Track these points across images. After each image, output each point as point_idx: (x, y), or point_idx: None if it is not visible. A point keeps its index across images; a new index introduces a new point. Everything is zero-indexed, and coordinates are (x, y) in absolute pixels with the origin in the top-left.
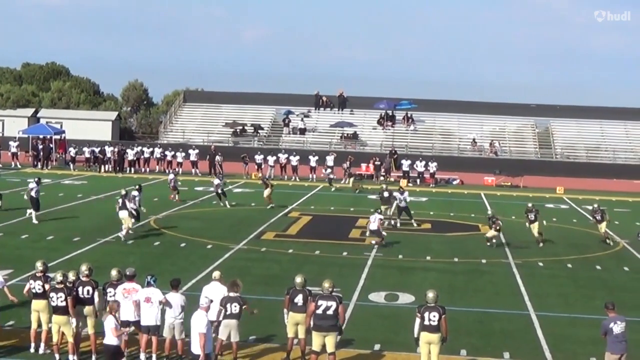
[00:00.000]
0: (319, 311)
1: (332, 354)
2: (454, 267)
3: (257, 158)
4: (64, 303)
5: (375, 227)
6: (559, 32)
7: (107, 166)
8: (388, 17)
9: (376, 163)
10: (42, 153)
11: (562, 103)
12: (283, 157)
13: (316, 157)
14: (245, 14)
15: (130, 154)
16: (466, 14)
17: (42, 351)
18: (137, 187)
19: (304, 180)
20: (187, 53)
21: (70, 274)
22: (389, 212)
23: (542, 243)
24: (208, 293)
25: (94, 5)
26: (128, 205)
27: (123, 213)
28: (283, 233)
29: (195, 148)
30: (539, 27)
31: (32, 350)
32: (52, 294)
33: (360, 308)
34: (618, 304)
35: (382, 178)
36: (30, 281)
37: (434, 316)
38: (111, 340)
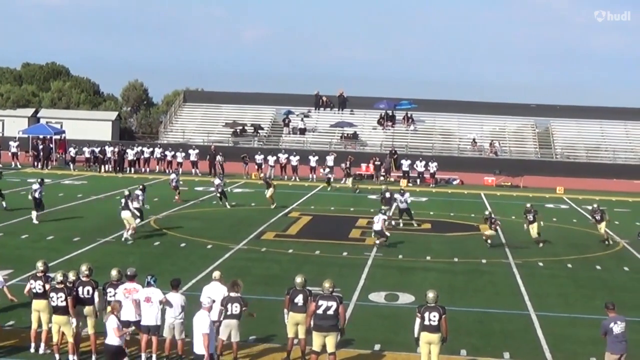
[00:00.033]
0: (320, 311)
1: (333, 354)
2: (454, 267)
3: (257, 158)
4: (64, 303)
5: (379, 228)
6: (559, 32)
7: (107, 166)
8: (388, 17)
9: (376, 163)
10: (42, 153)
11: (562, 103)
12: (283, 157)
13: (316, 157)
14: (245, 14)
15: (130, 154)
16: (466, 14)
17: (42, 351)
18: (141, 187)
19: (304, 180)
20: (187, 53)
21: (70, 274)
22: (389, 213)
23: (542, 243)
24: (209, 293)
25: (94, 5)
26: (130, 205)
27: (125, 213)
28: (283, 233)
29: (195, 148)
30: (539, 27)
31: (32, 350)
32: (52, 294)
33: (360, 308)
34: (618, 304)
35: (382, 178)
36: (31, 281)
37: (434, 316)
38: (113, 340)
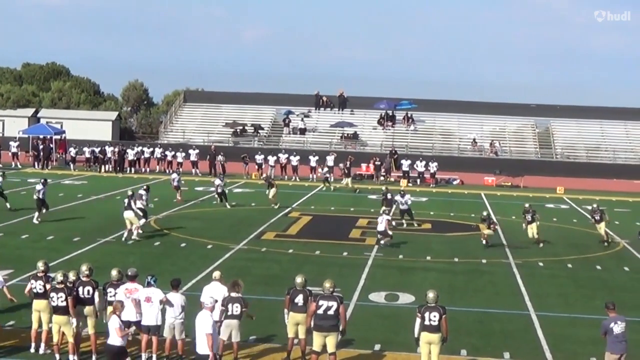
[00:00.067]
0: (320, 311)
1: (333, 354)
2: (454, 267)
3: (258, 158)
4: (64, 303)
5: (382, 228)
6: (559, 32)
7: (108, 166)
8: (388, 17)
9: (376, 163)
10: (43, 153)
11: (562, 103)
12: (283, 157)
13: (316, 157)
14: (245, 14)
15: (130, 154)
16: (466, 14)
17: (43, 351)
18: (145, 188)
19: (304, 180)
20: (187, 53)
21: (70, 274)
22: (391, 214)
23: (542, 244)
24: (210, 293)
25: (94, 5)
26: (133, 205)
27: (128, 213)
28: (283, 233)
29: (195, 148)
30: (539, 27)
31: (33, 350)
32: (53, 294)
33: (360, 308)
34: (618, 304)
35: (382, 178)
36: (31, 281)
37: (435, 316)
38: (115, 340)
